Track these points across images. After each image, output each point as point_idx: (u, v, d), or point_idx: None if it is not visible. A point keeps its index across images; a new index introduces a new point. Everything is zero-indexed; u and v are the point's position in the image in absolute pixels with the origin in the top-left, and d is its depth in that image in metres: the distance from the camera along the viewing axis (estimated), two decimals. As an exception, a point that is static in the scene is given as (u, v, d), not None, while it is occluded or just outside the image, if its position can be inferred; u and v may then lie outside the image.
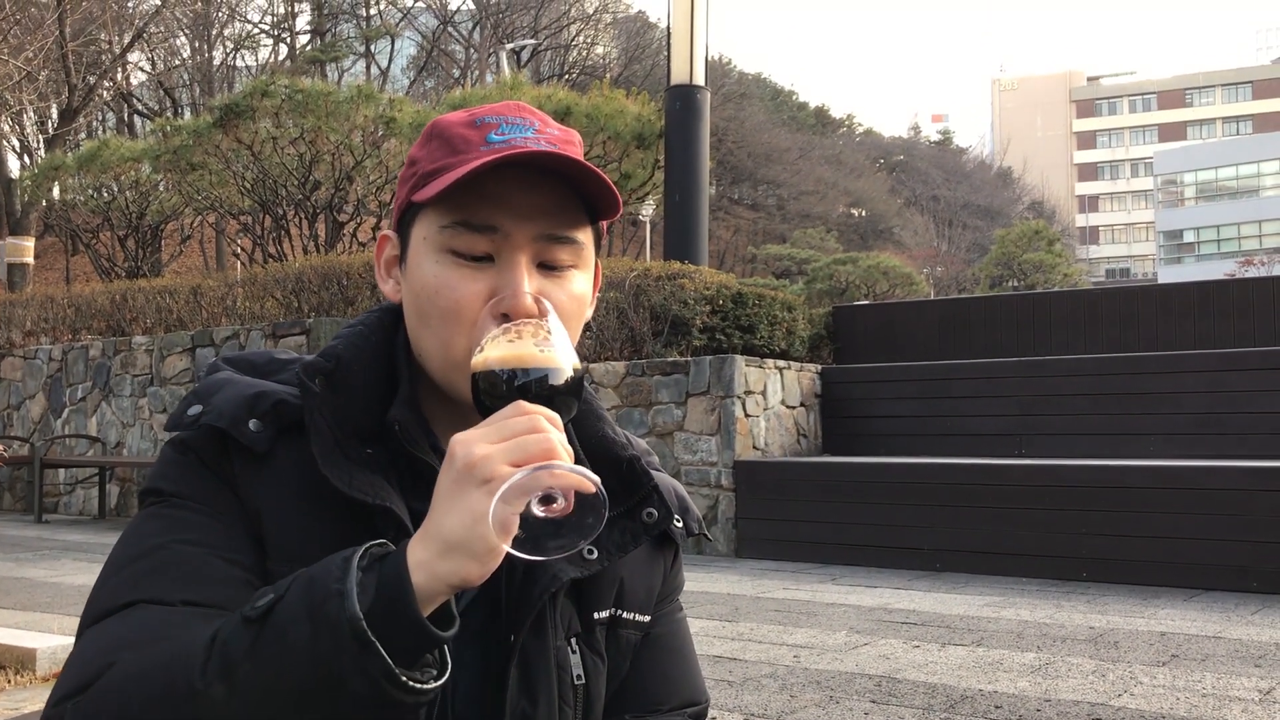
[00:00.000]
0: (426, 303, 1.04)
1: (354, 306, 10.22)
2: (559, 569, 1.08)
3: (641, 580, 1.19)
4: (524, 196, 1.04)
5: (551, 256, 1.06)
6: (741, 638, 4.84)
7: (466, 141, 1.06)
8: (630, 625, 1.18)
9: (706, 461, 7.83)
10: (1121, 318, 9.41)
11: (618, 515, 1.14)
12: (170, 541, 0.99)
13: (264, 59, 41.42)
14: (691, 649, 1.28)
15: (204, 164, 13.69)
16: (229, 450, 1.03)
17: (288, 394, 1.06)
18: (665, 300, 8.63)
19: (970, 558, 6.81)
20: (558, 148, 1.06)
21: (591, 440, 1.16)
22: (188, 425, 1.04)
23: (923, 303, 12.98)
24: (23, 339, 12.83)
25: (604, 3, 47.36)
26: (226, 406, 1.03)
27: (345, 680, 0.83)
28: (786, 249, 37.47)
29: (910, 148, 72.77)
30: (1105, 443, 7.79)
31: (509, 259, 1.04)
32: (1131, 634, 4.82)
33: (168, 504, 1.03)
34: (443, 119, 1.10)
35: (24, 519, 10.64)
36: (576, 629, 1.13)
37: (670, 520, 1.17)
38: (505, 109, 1.09)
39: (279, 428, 1.04)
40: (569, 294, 1.07)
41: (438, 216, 1.04)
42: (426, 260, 1.05)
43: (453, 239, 1.04)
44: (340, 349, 1.09)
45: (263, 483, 1.03)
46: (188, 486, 1.03)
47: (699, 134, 10.85)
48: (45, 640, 4.02)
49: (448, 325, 1.03)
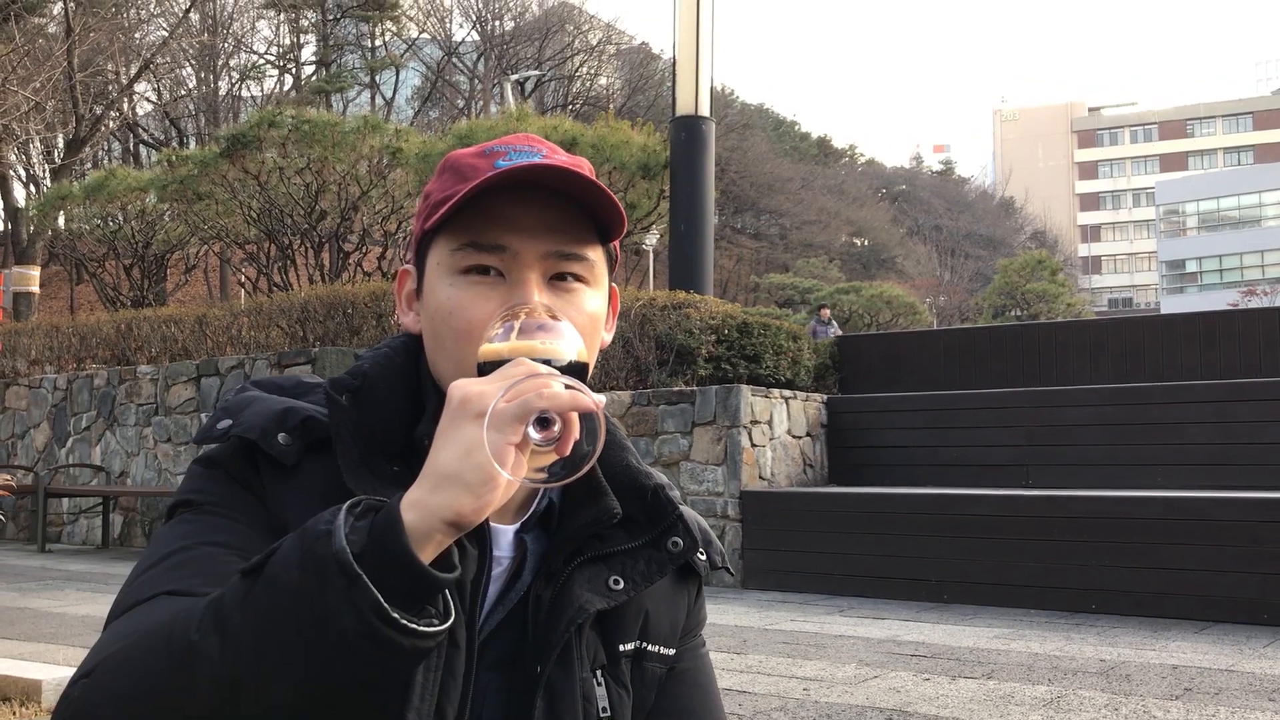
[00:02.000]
0: (441, 324, 1.06)
1: (359, 336, 10.23)
2: (585, 600, 1.08)
3: (666, 613, 1.19)
4: (531, 215, 1.05)
5: (561, 273, 1.08)
6: (750, 670, 4.81)
7: (474, 169, 1.08)
8: (655, 658, 1.17)
9: (713, 491, 7.81)
10: (1127, 348, 9.41)
11: (643, 545, 1.14)
12: (197, 543, 1.00)
13: (269, 89, 41.69)
14: (715, 684, 1.27)
15: (210, 193, 13.74)
16: (257, 463, 1.05)
17: (316, 411, 1.08)
18: (670, 330, 8.63)
19: (978, 589, 6.78)
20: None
21: (616, 469, 1.16)
22: (218, 438, 1.05)
23: (928, 333, 12.98)
24: (28, 368, 12.83)
25: (607, 34, 47.68)
26: (256, 420, 1.05)
27: (335, 617, 0.81)
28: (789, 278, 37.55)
29: (912, 178, 73.04)
30: (1112, 473, 7.76)
31: (519, 277, 1.05)
32: (1143, 667, 4.79)
33: (196, 511, 1.04)
34: (455, 153, 1.13)
35: (28, 548, 10.61)
36: (602, 661, 1.12)
37: (695, 550, 1.17)
38: (515, 139, 1.12)
39: (307, 443, 1.05)
40: (581, 311, 1.08)
41: (448, 241, 1.06)
42: (440, 284, 1.07)
43: (463, 260, 1.05)
44: (367, 367, 1.10)
45: (290, 495, 1.03)
46: (216, 497, 1.04)
47: (704, 164, 10.89)
48: (51, 672, 3.99)
49: (460, 345, 1.04)
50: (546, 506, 1.13)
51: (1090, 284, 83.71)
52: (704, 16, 11.10)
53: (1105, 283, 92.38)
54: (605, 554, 1.12)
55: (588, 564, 1.10)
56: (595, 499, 1.12)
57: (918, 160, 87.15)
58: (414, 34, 45.97)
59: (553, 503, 1.13)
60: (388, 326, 10.17)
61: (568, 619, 1.06)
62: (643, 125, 13.41)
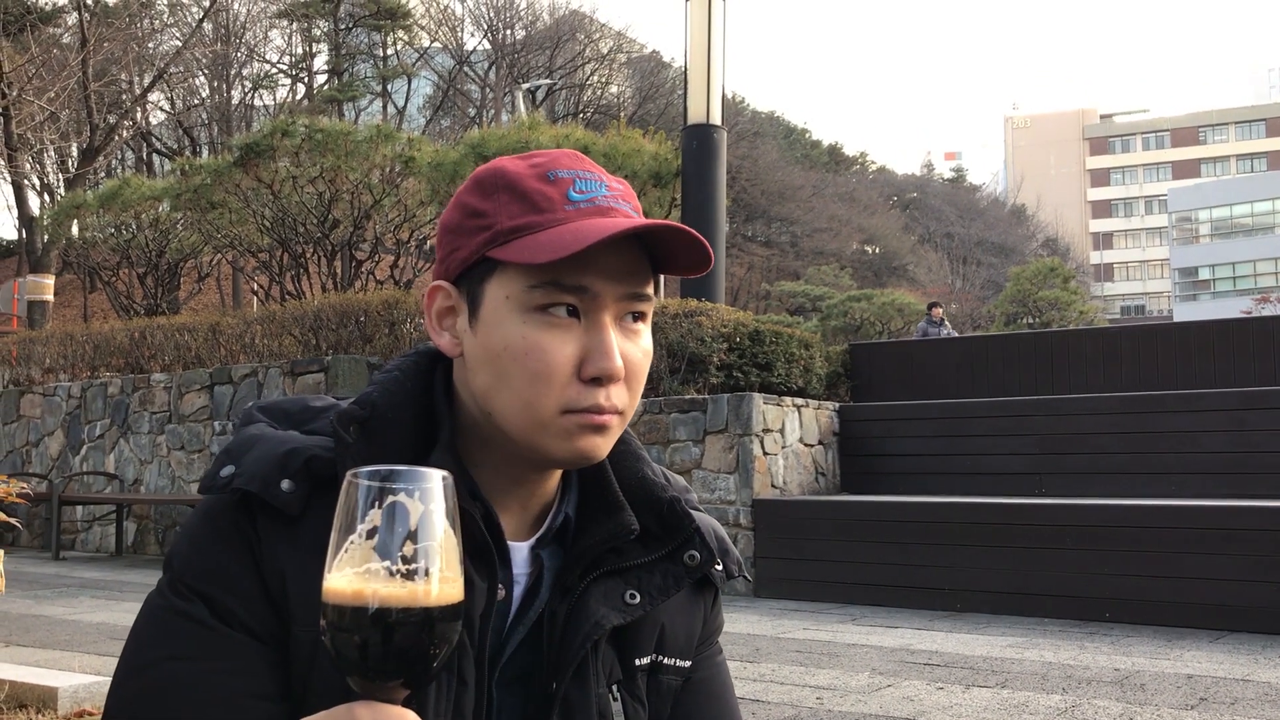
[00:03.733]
0: (512, 363, 1.02)
1: (371, 344, 10.25)
2: (601, 616, 1.08)
3: (682, 625, 1.18)
4: (611, 257, 1.03)
5: (631, 314, 1.07)
6: (763, 679, 4.80)
7: (547, 199, 1.04)
8: (671, 671, 1.17)
9: (725, 500, 7.81)
10: (1141, 356, 9.38)
11: (659, 558, 1.13)
12: (163, 659, 1.00)
13: (282, 98, 41.84)
14: (732, 692, 1.27)
15: (224, 202, 13.79)
16: (256, 514, 1.03)
17: (320, 448, 1.05)
18: (682, 338, 8.63)
19: (991, 598, 6.76)
20: (631, 204, 1.08)
21: (631, 481, 1.15)
22: (221, 487, 1.03)
23: (941, 340, 12.96)
24: (42, 376, 12.89)
25: (618, 43, 47.75)
26: (258, 469, 1.03)
27: None
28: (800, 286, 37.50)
29: (923, 185, 72.88)
30: (1125, 482, 7.74)
31: (596, 319, 1.03)
32: (1158, 676, 4.77)
33: (178, 596, 1.02)
34: (507, 169, 1.08)
35: (42, 556, 10.65)
36: (618, 676, 1.12)
37: (712, 563, 1.17)
38: (564, 159, 1.08)
39: (312, 485, 1.03)
40: (642, 350, 1.08)
41: (525, 276, 1.02)
42: (511, 320, 1.03)
43: (542, 298, 1.02)
44: (375, 396, 1.07)
45: (290, 545, 1.02)
46: (204, 572, 1.02)
47: (715, 172, 10.90)
48: (67, 679, 4.01)
49: (535, 387, 1.02)
50: (563, 522, 1.13)
51: (1103, 291, 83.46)
52: (715, 25, 11.12)
53: (1118, 290, 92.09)
54: (621, 568, 1.11)
55: (603, 578, 1.10)
56: (612, 514, 1.11)
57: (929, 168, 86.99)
58: (425, 43, 46.10)
59: (569, 518, 1.13)
60: (400, 335, 10.19)
61: (584, 635, 1.06)
62: (654, 134, 13.42)
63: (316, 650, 0.99)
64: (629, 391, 1.06)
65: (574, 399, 1.02)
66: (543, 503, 1.12)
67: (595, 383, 1.02)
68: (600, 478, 1.13)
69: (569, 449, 1.04)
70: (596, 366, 1.02)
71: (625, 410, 1.06)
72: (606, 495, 1.13)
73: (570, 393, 1.02)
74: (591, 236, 0.98)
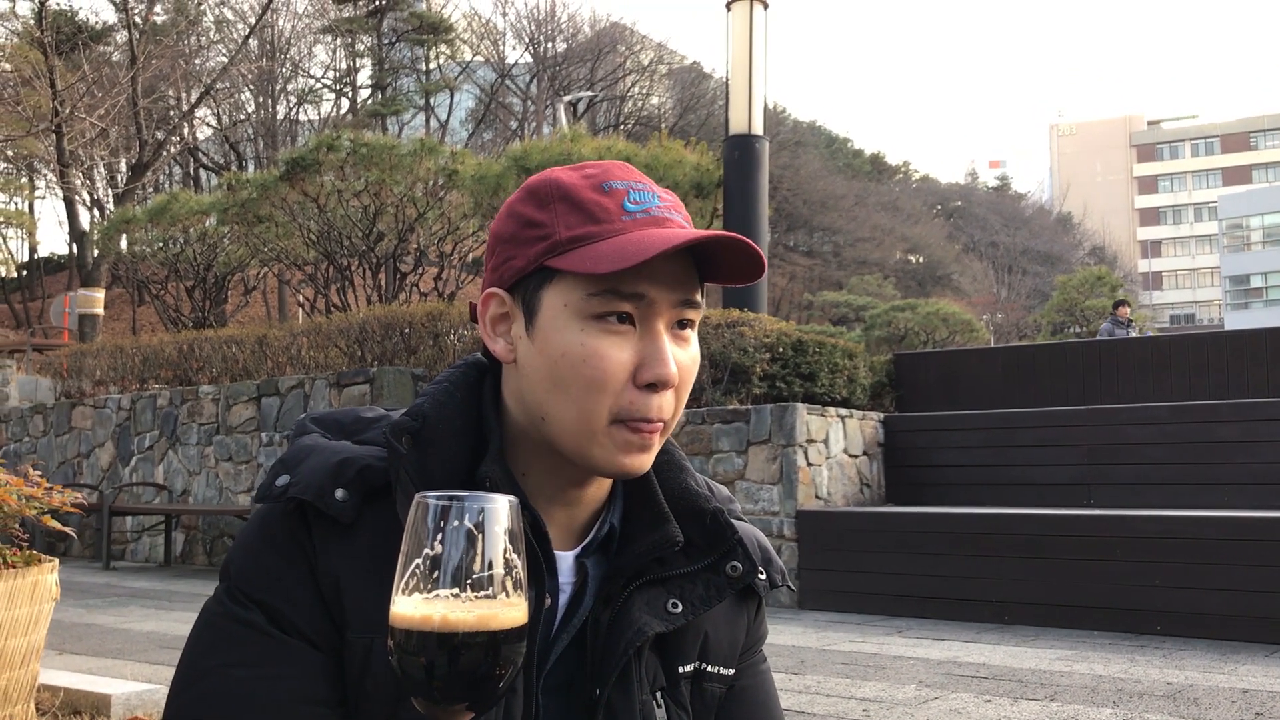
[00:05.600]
0: (569, 370, 1.03)
1: (416, 355, 10.32)
2: (644, 623, 1.09)
3: (725, 633, 1.19)
4: (666, 266, 1.05)
5: (682, 321, 1.08)
6: (809, 690, 4.77)
7: (604, 209, 1.05)
8: (715, 679, 1.18)
9: (768, 511, 7.77)
10: (1191, 365, 9.24)
11: (701, 569, 1.14)
12: (222, 665, 1.02)
13: (326, 113, 42.33)
14: (776, 701, 1.27)
15: (270, 216, 13.95)
16: (310, 523, 1.05)
17: (373, 458, 1.07)
18: (724, 348, 8.62)
19: (1039, 610, 6.67)
20: (681, 214, 1.09)
21: (674, 492, 1.16)
22: (276, 497, 1.06)
23: (986, 350, 12.84)
24: (93, 388, 13.10)
25: (659, 54, 47.88)
26: (313, 478, 1.05)
27: None
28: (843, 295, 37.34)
29: (968, 193, 72.42)
30: (1177, 492, 7.62)
31: (651, 327, 1.05)
32: (1212, 690, 4.68)
33: (235, 604, 1.05)
34: (561, 180, 1.09)
35: (92, 565, 10.80)
36: (661, 683, 1.13)
37: (755, 574, 1.18)
38: (616, 171, 1.10)
39: (365, 494, 1.05)
40: (691, 357, 1.10)
41: (584, 284, 1.03)
42: (569, 328, 1.04)
43: (600, 306, 1.03)
44: (426, 407, 1.09)
45: (344, 552, 1.04)
46: (261, 579, 1.05)
47: (757, 182, 10.89)
48: (120, 686, 4.06)
49: (591, 394, 1.03)
50: (608, 532, 1.14)
51: (1151, 300, 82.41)
52: (757, 35, 11.11)
53: (1167, 299, 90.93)
54: (664, 577, 1.12)
55: (646, 586, 1.11)
56: (657, 525, 1.13)
57: (973, 176, 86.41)
58: (467, 57, 46.45)
59: (613, 528, 1.14)
60: (444, 346, 10.25)
61: (626, 641, 1.07)
62: (695, 144, 13.43)
63: (370, 656, 1.02)
64: (676, 399, 1.08)
65: (627, 406, 1.04)
66: (589, 512, 1.14)
67: (650, 389, 1.04)
68: (646, 489, 1.15)
69: (614, 461, 1.05)
70: (653, 372, 1.03)
71: (670, 421, 1.08)
72: (652, 507, 1.14)
73: (625, 399, 1.04)
74: (654, 247, 1.00)
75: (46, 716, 3.84)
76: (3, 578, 3.21)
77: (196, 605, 7.76)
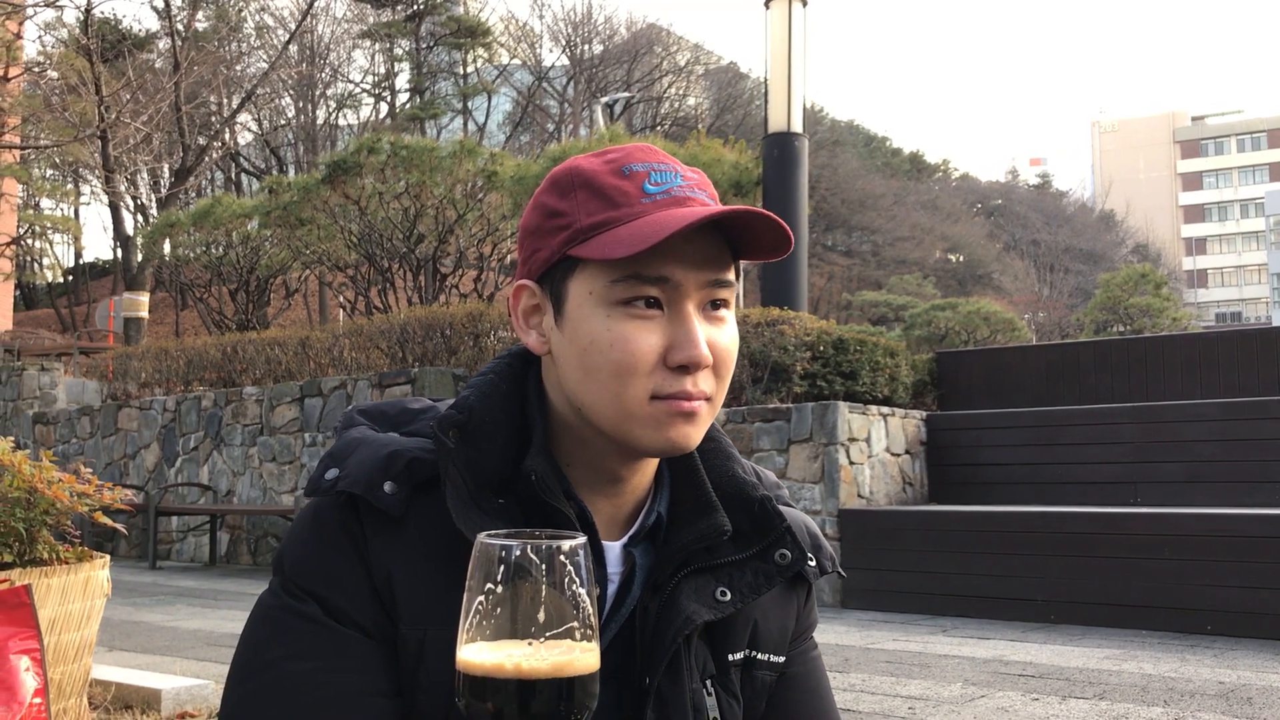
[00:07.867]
0: (599, 357, 1.03)
1: (456, 356, 10.37)
2: (692, 611, 1.08)
3: (775, 620, 1.19)
4: (691, 245, 1.04)
5: (714, 302, 1.07)
6: (854, 689, 4.74)
7: (623, 194, 1.05)
8: (765, 666, 1.17)
9: (810, 510, 7.74)
10: (1239, 361, 9.11)
11: (750, 557, 1.13)
12: (280, 658, 1.02)
13: (365, 117, 42.61)
14: (828, 687, 1.26)
15: (312, 219, 14.06)
16: (361, 515, 1.05)
17: (420, 450, 1.07)
18: (765, 347, 8.59)
19: (1086, 609, 6.60)
20: (707, 193, 1.07)
21: (722, 480, 1.15)
22: (326, 490, 1.06)
23: (1030, 348, 12.72)
24: (138, 390, 13.27)
25: (695, 55, 47.81)
26: (361, 472, 1.05)
27: None
28: (883, 295, 37.11)
29: (1008, 192, 71.74)
30: (1225, 490, 7.51)
31: (679, 309, 1.04)
32: (1265, 690, 4.61)
33: (291, 597, 1.05)
34: (582, 167, 1.08)
35: (139, 565, 10.94)
36: (711, 671, 1.12)
37: (804, 561, 1.17)
38: (637, 153, 1.08)
39: (413, 486, 1.05)
40: (729, 336, 1.08)
41: (606, 271, 1.03)
42: (595, 315, 1.04)
43: (625, 292, 1.03)
44: (472, 400, 1.09)
45: (395, 545, 1.04)
46: (315, 572, 1.05)
47: (797, 180, 10.85)
48: (169, 681, 4.11)
49: (622, 379, 1.02)
50: (655, 521, 1.13)
51: (1196, 298, 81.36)
52: (796, 33, 11.07)
53: (1212, 296, 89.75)
54: (712, 565, 1.11)
55: (695, 575, 1.10)
56: (705, 514, 1.12)
57: (1013, 174, 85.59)
58: (505, 60, 46.64)
59: (660, 517, 1.13)
60: (484, 346, 10.29)
61: (675, 630, 1.07)
62: (734, 144, 13.40)
63: (423, 648, 1.02)
64: (717, 379, 1.07)
65: (660, 385, 1.03)
66: (635, 501, 1.13)
67: (682, 370, 1.03)
68: (692, 477, 1.14)
69: (660, 438, 1.04)
70: (683, 354, 1.02)
71: (714, 397, 1.07)
72: (699, 495, 1.13)
73: (657, 379, 1.02)
74: (669, 227, 0.99)
75: (99, 711, 3.89)
76: (56, 573, 3.25)
77: (242, 604, 7.81)
